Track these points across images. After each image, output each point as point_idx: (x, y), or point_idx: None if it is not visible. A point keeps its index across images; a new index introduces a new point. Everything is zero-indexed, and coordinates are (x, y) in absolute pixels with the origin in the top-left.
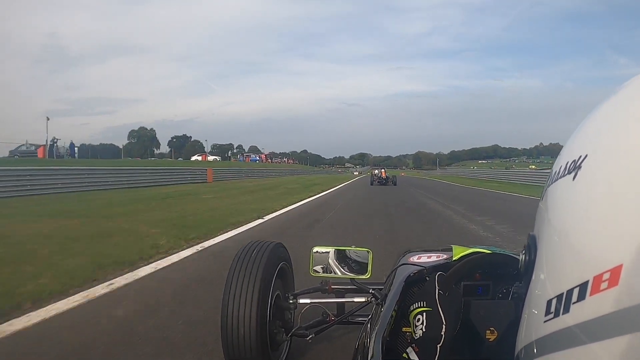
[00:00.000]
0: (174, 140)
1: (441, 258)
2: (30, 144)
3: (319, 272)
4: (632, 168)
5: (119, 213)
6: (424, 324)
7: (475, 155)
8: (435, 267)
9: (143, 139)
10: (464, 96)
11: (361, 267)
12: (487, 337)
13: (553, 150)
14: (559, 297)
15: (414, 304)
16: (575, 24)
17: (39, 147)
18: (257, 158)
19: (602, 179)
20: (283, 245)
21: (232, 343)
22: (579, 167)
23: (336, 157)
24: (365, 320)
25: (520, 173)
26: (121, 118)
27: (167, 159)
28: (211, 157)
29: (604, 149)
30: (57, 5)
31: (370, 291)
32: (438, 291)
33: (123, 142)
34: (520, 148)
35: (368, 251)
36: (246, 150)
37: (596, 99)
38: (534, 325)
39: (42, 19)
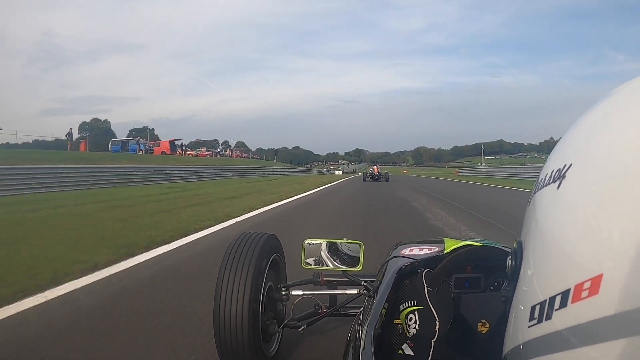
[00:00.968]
0: (134, 132)
1: (433, 251)
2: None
3: (311, 265)
4: (615, 179)
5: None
6: (417, 322)
7: (480, 150)
8: (426, 260)
9: (96, 132)
10: (462, 92)
11: (353, 260)
12: (480, 330)
13: None
14: (542, 304)
15: (405, 303)
16: (572, 21)
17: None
18: (141, 146)
19: (585, 189)
20: (276, 236)
21: (225, 334)
22: (564, 176)
23: (330, 154)
24: (357, 312)
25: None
26: (117, 116)
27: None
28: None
29: (588, 159)
30: (51, 3)
31: (362, 283)
32: (427, 288)
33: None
34: (526, 143)
35: (360, 244)
36: (232, 146)
37: (593, 95)
38: (519, 329)
39: (36, 17)
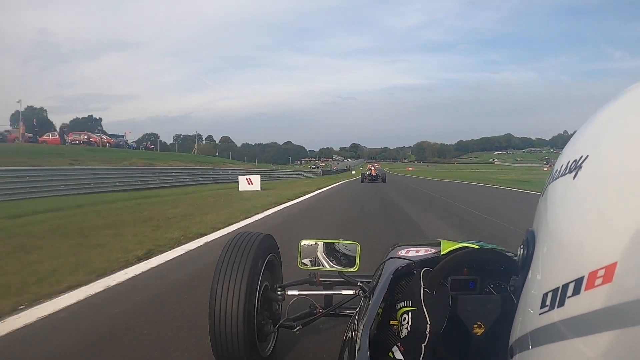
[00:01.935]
0: (71, 123)
1: (429, 252)
2: None
3: (307, 265)
4: (630, 170)
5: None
6: (409, 324)
7: (486, 145)
8: (423, 262)
9: (28, 123)
10: (460, 89)
11: (349, 260)
12: (475, 332)
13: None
14: (555, 291)
15: (400, 303)
16: (570, 17)
17: None
18: None
19: (601, 179)
20: (272, 237)
21: (220, 334)
22: (580, 167)
23: (324, 149)
24: (352, 312)
25: None
26: (115, 114)
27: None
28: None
29: (604, 151)
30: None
31: (358, 284)
32: (424, 290)
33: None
34: (534, 138)
35: (356, 244)
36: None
37: (592, 91)
38: (529, 317)
39: (32, 14)
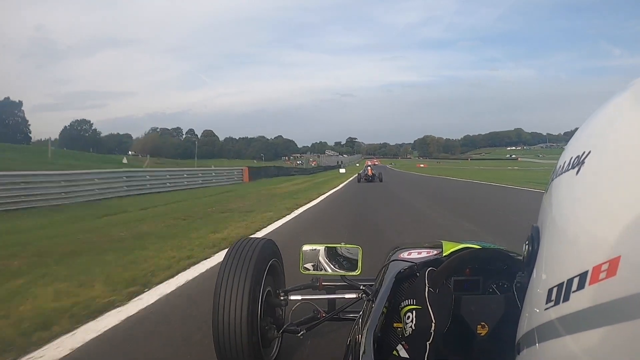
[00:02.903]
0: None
1: (431, 254)
2: None
3: (310, 270)
4: (633, 165)
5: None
6: (414, 322)
7: (495, 140)
8: (425, 263)
9: None
10: (459, 85)
11: (351, 264)
12: (479, 332)
13: None
14: (560, 286)
15: (405, 301)
16: (569, 14)
17: None
18: None
19: (604, 175)
20: (274, 242)
21: (224, 340)
22: (582, 163)
23: (316, 144)
24: (356, 316)
25: None
26: (112, 111)
27: None
28: None
29: (607, 146)
30: None
31: (360, 287)
32: (428, 289)
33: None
34: (545, 133)
35: (358, 248)
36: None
37: (593, 89)
38: (535, 313)
39: (28, 11)
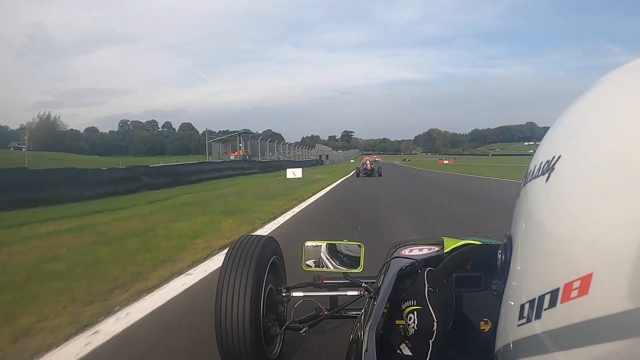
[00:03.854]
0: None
1: (432, 250)
2: None
3: (312, 267)
4: (604, 173)
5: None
6: (416, 322)
7: (507, 135)
8: (426, 260)
9: None
10: (458, 83)
11: (353, 261)
12: (482, 328)
13: None
14: (532, 303)
15: (406, 303)
16: (568, 12)
17: None
18: None
19: (574, 183)
20: (275, 239)
21: (227, 337)
22: (552, 169)
23: (307, 138)
24: (358, 313)
25: None
26: (110, 109)
27: None
28: None
29: (577, 151)
30: None
31: (362, 285)
32: (428, 289)
33: None
34: None
35: (360, 245)
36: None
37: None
38: (509, 328)
39: (26, 7)
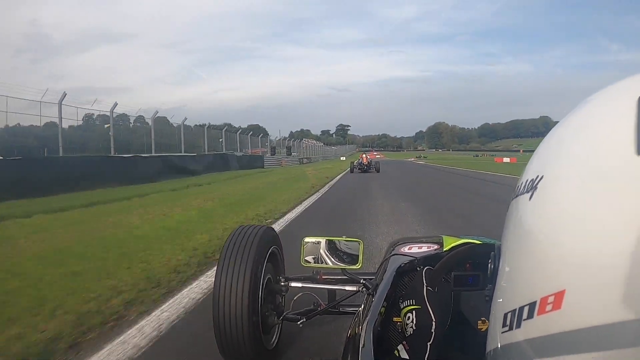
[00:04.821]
0: None
1: (432, 248)
2: None
3: (311, 263)
4: (578, 196)
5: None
6: (414, 322)
7: (519, 130)
8: (425, 258)
9: None
10: (456, 81)
11: (352, 258)
12: (480, 328)
13: None
14: (513, 312)
15: (404, 302)
16: (567, 9)
17: None
18: None
19: (554, 203)
20: (273, 229)
21: (225, 326)
22: (535, 188)
23: (297, 132)
24: (356, 310)
25: None
26: (107, 107)
27: None
28: None
29: (556, 173)
30: None
31: (361, 281)
32: (426, 288)
33: None
34: None
35: (359, 241)
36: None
37: (588, 85)
38: (495, 334)
39: (23, 5)
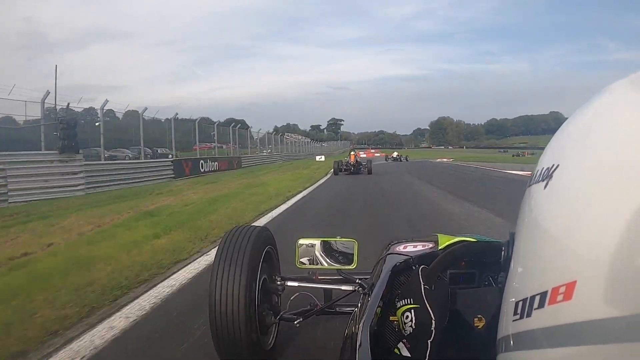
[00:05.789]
0: None
1: (427, 247)
2: None
3: (306, 264)
4: (592, 186)
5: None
6: (413, 321)
7: (529, 126)
8: (421, 257)
9: None
10: (456, 79)
11: (347, 258)
12: (476, 325)
13: None
14: (524, 301)
15: (401, 301)
16: (565, 8)
17: None
18: None
19: (567, 193)
20: (268, 229)
21: (222, 327)
22: (550, 177)
23: (282, 127)
24: (352, 310)
25: None
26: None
27: None
28: None
29: (572, 162)
30: None
31: (357, 281)
32: (424, 286)
33: None
34: None
35: (354, 241)
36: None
37: (587, 83)
38: (506, 322)
39: (18, 2)
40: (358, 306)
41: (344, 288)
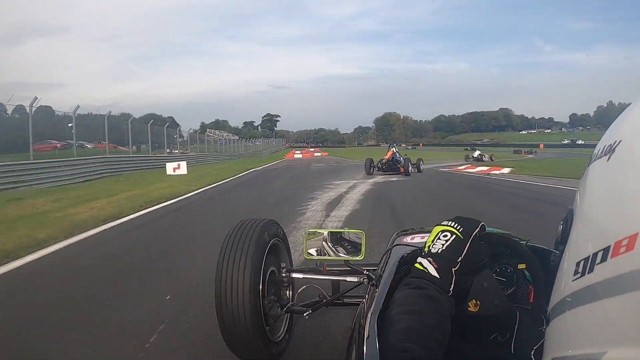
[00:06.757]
0: None
1: None
2: None
3: (314, 255)
4: None
5: None
6: (447, 244)
7: (480, 123)
8: None
9: None
10: (396, 78)
11: (355, 249)
12: (471, 310)
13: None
14: (586, 260)
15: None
16: (504, 11)
17: None
18: None
19: (630, 162)
20: (276, 222)
21: (229, 320)
22: (613, 151)
23: (212, 123)
24: (360, 301)
25: None
26: (40, 104)
27: None
28: None
29: (635, 137)
30: None
31: (364, 272)
32: (476, 233)
33: None
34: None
35: (362, 232)
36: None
37: (525, 83)
38: (565, 284)
39: None
40: (366, 297)
41: (351, 279)
